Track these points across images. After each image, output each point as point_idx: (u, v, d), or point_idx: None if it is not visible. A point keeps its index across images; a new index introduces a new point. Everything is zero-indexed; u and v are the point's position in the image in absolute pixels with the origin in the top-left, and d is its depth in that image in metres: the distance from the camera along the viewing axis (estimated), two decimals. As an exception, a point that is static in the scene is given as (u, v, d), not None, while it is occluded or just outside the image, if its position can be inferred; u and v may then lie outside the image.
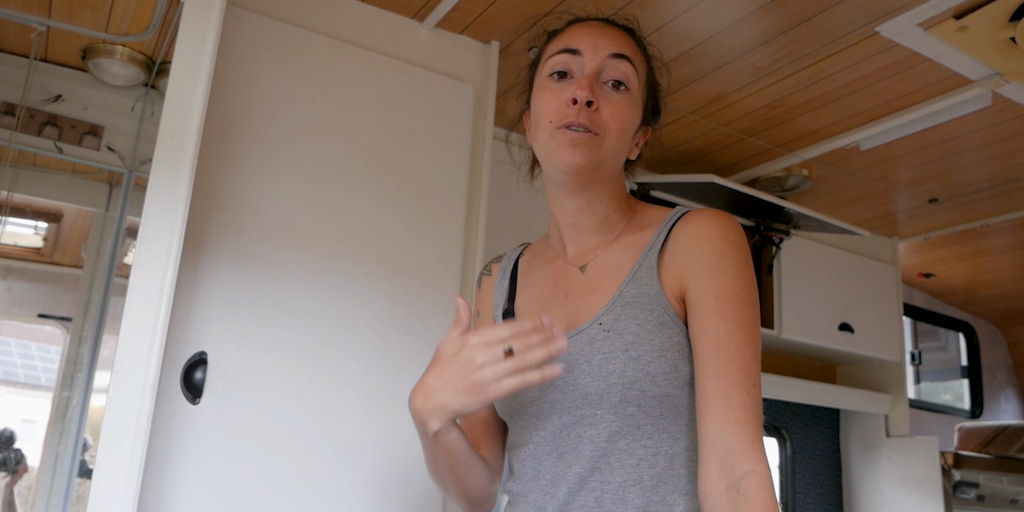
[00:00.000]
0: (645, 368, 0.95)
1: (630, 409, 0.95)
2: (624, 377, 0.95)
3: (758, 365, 0.95)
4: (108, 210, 2.25)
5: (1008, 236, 3.12)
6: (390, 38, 1.83)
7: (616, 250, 1.07)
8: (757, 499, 0.85)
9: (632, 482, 0.95)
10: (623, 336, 0.97)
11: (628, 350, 0.96)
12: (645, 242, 1.05)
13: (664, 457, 0.96)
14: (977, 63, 1.87)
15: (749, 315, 0.96)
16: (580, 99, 0.99)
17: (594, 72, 1.02)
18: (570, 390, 0.98)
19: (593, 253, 1.09)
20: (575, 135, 1.00)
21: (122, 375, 1.23)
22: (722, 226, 1.00)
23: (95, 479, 1.18)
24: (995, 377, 4.03)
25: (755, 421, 0.91)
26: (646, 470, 0.95)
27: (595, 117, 1.00)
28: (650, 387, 0.94)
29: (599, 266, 1.07)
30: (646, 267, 1.02)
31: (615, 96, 1.02)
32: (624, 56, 1.03)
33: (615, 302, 1.01)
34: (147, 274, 1.28)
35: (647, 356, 0.95)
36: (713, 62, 1.97)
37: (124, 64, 2.05)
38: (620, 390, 0.95)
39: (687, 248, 1.00)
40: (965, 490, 3.09)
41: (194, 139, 1.36)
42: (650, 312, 0.98)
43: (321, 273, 1.60)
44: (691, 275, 0.98)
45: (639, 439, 0.96)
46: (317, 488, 1.51)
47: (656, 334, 0.96)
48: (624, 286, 1.02)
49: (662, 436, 0.96)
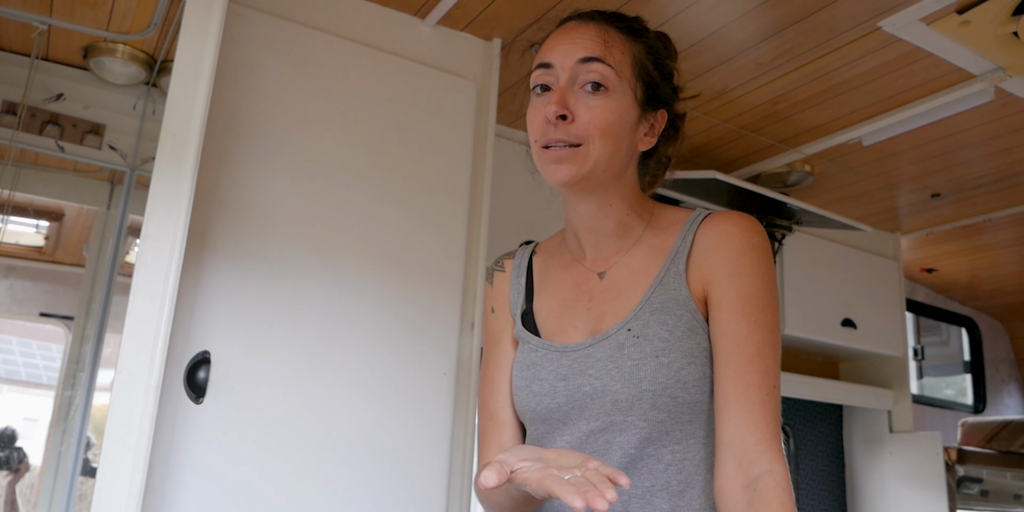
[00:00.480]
0: (676, 374, 0.95)
1: (660, 416, 0.96)
2: (655, 384, 0.95)
3: (778, 367, 0.95)
4: (110, 209, 2.25)
5: (1011, 231, 3.11)
6: (392, 35, 1.82)
7: (638, 254, 1.07)
8: (773, 499, 0.85)
9: (660, 487, 0.96)
10: (653, 342, 0.97)
11: (659, 356, 0.96)
12: (669, 245, 1.05)
13: (691, 462, 0.96)
14: (980, 58, 1.86)
15: (770, 317, 0.96)
16: (550, 116, 0.99)
17: (567, 83, 1.01)
18: (599, 396, 0.98)
19: (613, 258, 1.08)
20: (555, 153, 1.00)
21: (126, 375, 1.23)
22: (746, 228, 1.01)
23: (99, 478, 1.18)
24: (998, 372, 4.03)
25: (773, 422, 0.91)
26: (673, 476, 0.96)
27: (572, 128, 1.00)
28: (681, 394, 0.95)
29: (621, 271, 1.07)
30: (674, 272, 1.02)
31: (592, 100, 1.01)
32: (593, 58, 1.01)
33: (643, 307, 1.01)
34: (150, 273, 1.27)
35: (678, 363, 0.96)
36: (715, 58, 1.96)
37: (125, 63, 2.04)
38: (651, 397, 0.95)
39: (711, 250, 1.01)
40: (969, 485, 3.08)
41: (196, 137, 1.36)
42: (679, 318, 0.99)
43: (324, 271, 1.60)
44: (714, 277, 0.99)
45: (667, 444, 0.96)
46: (321, 486, 1.51)
47: (686, 340, 0.97)
48: (652, 291, 1.02)
49: (689, 441, 0.97)
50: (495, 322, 1.17)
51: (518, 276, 1.17)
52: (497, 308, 1.18)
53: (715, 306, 0.98)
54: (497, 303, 1.19)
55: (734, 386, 0.92)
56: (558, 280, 1.13)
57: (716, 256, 1.00)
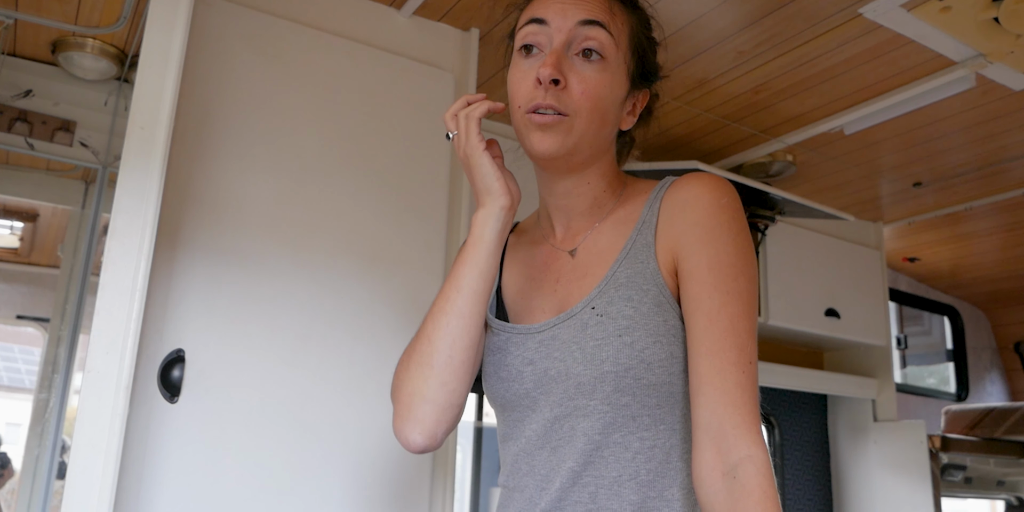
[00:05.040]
0: (639, 355, 0.90)
1: (624, 399, 0.90)
2: (617, 365, 0.90)
3: (754, 340, 0.90)
4: (84, 208, 2.21)
5: (992, 219, 3.12)
6: (367, 26, 1.79)
7: (606, 229, 1.01)
8: (755, 487, 0.81)
9: (628, 477, 0.90)
10: (616, 320, 0.92)
11: (622, 336, 0.90)
12: (635, 217, 0.99)
13: (661, 450, 0.91)
14: (960, 44, 1.85)
15: (745, 285, 0.90)
16: (544, 78, 0.92)
17: (562, 45, 0.94)
18: (563, 379, 0.93)
19: (582, 235, 1.03)
20: (542, 119, 0.93)
21: (95, 374, 1.19)
22: (714, 189, 0.94)
23: (68, 481, 1.15)
24: (980, 360, 4.05)
25: (751, 402, 0.86)
26: (643, 464, 0.91)
27: (564, 96, 0.93)
28: (645, 375, 0.90)
29: (589, 248, 1.01)
30: (641, 244, 0.96)
31: (587, 69, 0.94)
32: (596, 22, 0.94)
33: (608, 283, 0.95)
34: (119, 269, 1.24)
35: (641, 342, 0.90)
36: (696, 47, 1.94)
37: (95, 57, 2.00)
38: (614, 379, 0.90)
39: (678, 215, 0.95)
40: (953, 473, 3.10)
41: (165, 130, 1.32)
42: (645, 293, 0.93)
43: (300, 267, 1.56)
44: (683, 245, 0.93)
45: (635, 431, 0.91)
46: (300, 485, 1.48)
47: (651, 317, 0.91)
48: (617, 266, 0.96)
49: (659, 427, 0.92)
50: None
51: None
52: None
53: (685, 277, 0.92)
54: None
55: (708, 365, 0.87)
56: (526, 257, 1.08)
57: (683, 222, 0.94)
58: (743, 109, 2.26)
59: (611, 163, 1.05)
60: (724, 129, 2.39)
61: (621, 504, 0.90)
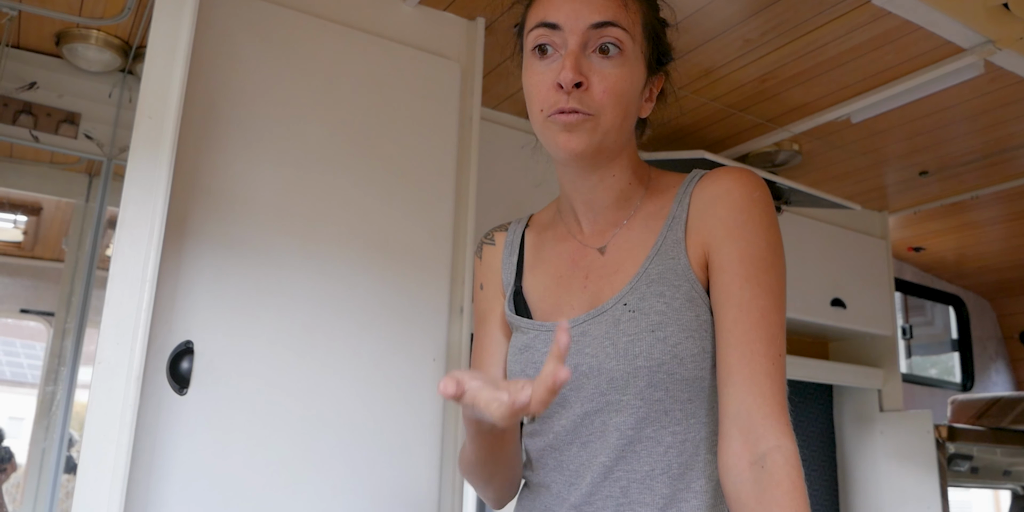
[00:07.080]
0: (672, 349, 0.89)
1: (657, 394, 0.90)
2: (651, 360, 0.89)
3: (783, 332, 0.89)
4: (88, 201, 2.20)
5: (998, 208, 3.11)
6: (373, 16, 1.78)
7: (635, 225, 1.00)
8: (783, 477, 0.81)
9: (660, 471, 0.90)
10: (649, 316, 0.91)
11: (655, 331, 0.90)
12: (665, 212, 0.98)
13: (692, 444, 0.91)
14: (969, 31, 1.84)
15: (775, 280, 0.90)
16: (566, 84, 0.90)
17: (578, 47, 0.92)
18: (595, 375, 0.93)
19: (611, 231, 1.02)
20: (567, 119, 0.92)
21: (105, 366, 1.19)
22: (746, 183, 0.94)
23: (80, 473, 1.14)
24: (985, 350, 4.05)
25: (780, 393, 0.86)
26: (674, 458, 0.91)
27: (586, 97, 0.92)
28: (678, 370, 0.90)
29: (619, 244, 1.00)
30: (672, 240, 0.96)
31: (606, 66, 0.93)
32: (609, 22, 0.93)
33: (640, 279, 0.94)
34: (128, 261, 1.23)
35: (674, 337, 0.90)
36: (702, 35, 1.93)
37: (100, 49, 1.99)
38: (647, 374, 0.90)
39: (709, 210, 0.94)
40: (959, 462, 3.09)
41: (173, 120, 1.31)
42: (677, 288, 0.92)
43: (308, 257, 1.56)
44: (714, 238, 0.92)
45: (667, 425, 0.91)
46: (309, 477, 1.48)
47: (683, 312, 0.91)
48: (649, 262, 0.95)
49: (690, 422, 0.91)
50: (483, 300, 1.12)
51: (510, 254, 1.11)
52: (486, 284, 1.12)
53: (716, 270, 0.91)
54: (486, 279, 1.13)
55: (739, 355, 0.86)
56: (552, 255, 1.06)
57: (713, 216, 0.93)
58: (749, 98, 2.24)
59: (633, 153, 1.03)
60: (730, 118, 2.38)
61: (653, 497, 0.90)
